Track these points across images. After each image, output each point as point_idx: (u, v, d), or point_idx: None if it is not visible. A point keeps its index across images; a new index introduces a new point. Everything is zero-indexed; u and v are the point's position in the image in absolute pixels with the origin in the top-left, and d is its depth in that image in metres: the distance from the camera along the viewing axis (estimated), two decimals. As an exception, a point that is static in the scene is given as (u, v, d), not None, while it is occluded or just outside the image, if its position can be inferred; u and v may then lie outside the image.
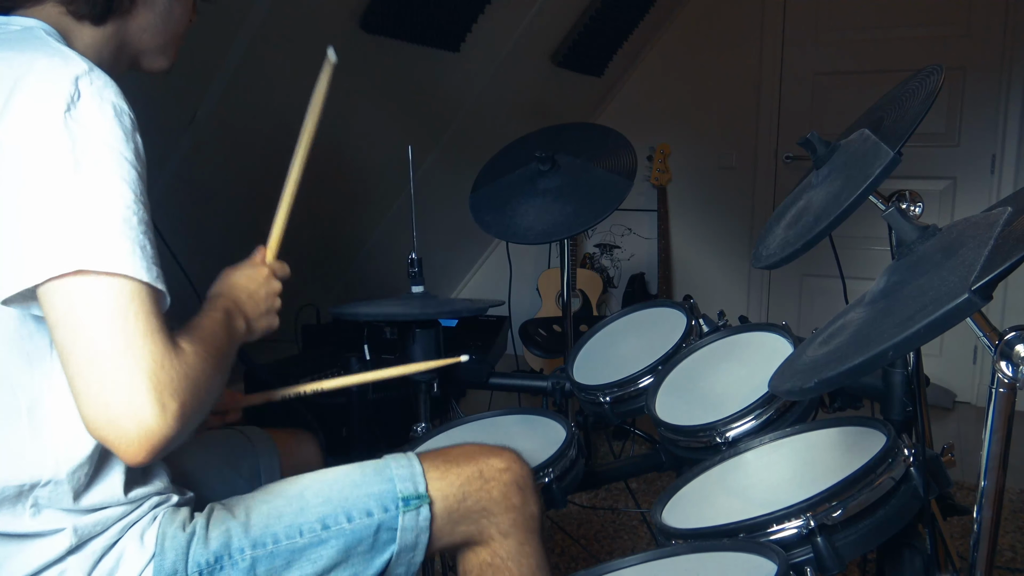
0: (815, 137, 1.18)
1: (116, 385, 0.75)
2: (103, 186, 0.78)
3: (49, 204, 0.76)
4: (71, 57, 0.84)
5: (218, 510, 0.98)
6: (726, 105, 3.70)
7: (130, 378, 0.75)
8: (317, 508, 0.98)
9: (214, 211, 2.37)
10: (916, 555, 1.14)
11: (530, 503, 1.08)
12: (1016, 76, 3.18)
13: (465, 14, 2.50)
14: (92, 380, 0.75)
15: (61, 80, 0.80)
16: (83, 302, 0.75)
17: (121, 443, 0.76)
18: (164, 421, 0.76)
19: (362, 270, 3.19)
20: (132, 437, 0.75)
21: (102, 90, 0.82)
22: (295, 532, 0.96)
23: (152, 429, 0.75)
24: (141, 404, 0.75)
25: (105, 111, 0.81)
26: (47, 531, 0.87)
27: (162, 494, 0.98)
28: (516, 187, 1.91)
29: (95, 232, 0.76)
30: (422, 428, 1.64)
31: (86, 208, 0.77)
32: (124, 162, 0.80)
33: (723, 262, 3.85)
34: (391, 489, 1.01)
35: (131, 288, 0.77)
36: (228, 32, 1.87)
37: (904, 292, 0.83)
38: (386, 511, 1.00)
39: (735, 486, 1.21)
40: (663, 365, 1.54)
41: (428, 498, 1.01)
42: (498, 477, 1.05)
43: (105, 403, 0.75)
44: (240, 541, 0.94)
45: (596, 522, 2.45)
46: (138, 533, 0.93)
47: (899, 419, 1.25)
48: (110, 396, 0.75)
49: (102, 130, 0.80)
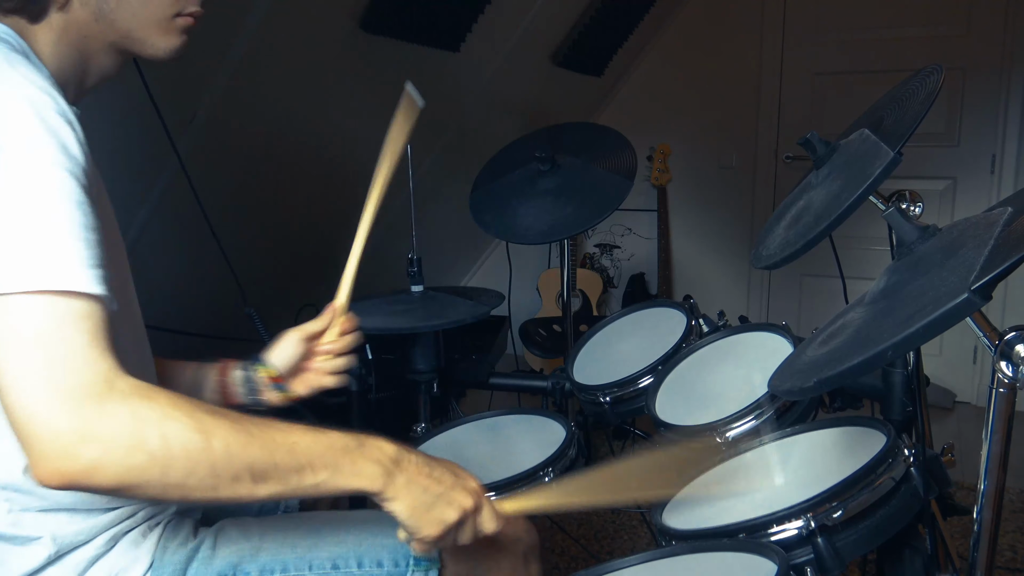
0: (815, 137, 1.18)
1: (41, 391, 0.67)
2: (23, 196, 0.70)
3: None
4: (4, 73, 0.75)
5: (229, 528, 0.98)
6: (726, 105, 3.70)
7: (55, 397, 0.67)
8: (330, 547, 0.98)
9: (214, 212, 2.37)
10: (916, 555, 1.14)
11: (532, 570, 1.09)
12: (1016, 76, 3.18)
13: (465, 14, 2.50)
14: (17, 394, 0.68)
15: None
16: (10, 315, 0.68)
17: (35, 459, 0.68)
18: (85, 449, 0.67)
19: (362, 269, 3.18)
20: (47, 456, 0.67)
21: (18, 90, 0.74)
22: (305, 565, 0.96)
23: (68, 453, 0.67)
24: (60, 423, 0.67)
25: (24, 112, 0.73)
26: (24, 536, 0.84)
27: (158, 504, 0.96)
28: (516, 187, 1.92)
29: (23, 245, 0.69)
30: (422, 428, 1.64)
31: (16, 219, 0.69)
32: (49, 166, 0.72)
33: (723, 262, 3.85)
34: (405, 546, 0.99)
35: (68, 301, 0.69)
36: (228, 32, 1.86)
37: (904, 292, 0.83)
38: (396, 565, 0.99)
39: (735, 486, 1.21)
40: (663, 365, 1.54)
41: (439, 563, 1.01)
42: (511, 547, 1.06)
43: (25, 407, 0.68)
44: (248, 564, 0.94)
45: (596, 522, 2.45)
46: (131, 543, 0.90)
47: (899, 419, 1.25)
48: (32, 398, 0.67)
49: (21, 134, 0.72)
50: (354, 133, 2.56)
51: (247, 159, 2.30)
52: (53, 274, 0.69)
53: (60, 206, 0.71)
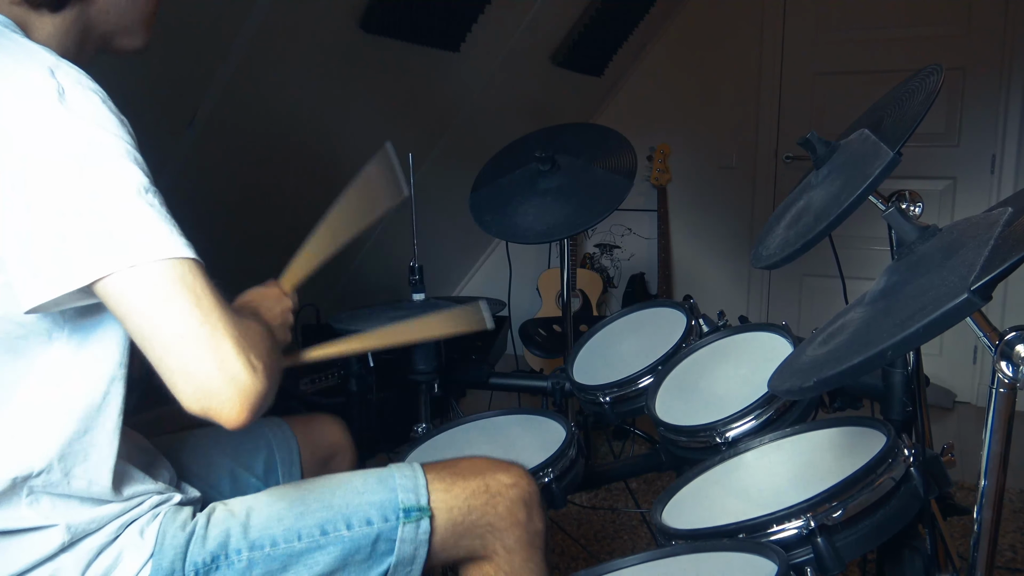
0: (815, 137, 1.18)
1: (205, 357, 0.76)
2: (120, 174, 0.78)
3: (74, 201, 0.76)
4: (34, 50, 0.83)
5: (219, 510, 0.98)
6: (726, 105, 3.70)
7: (216, 348, 0.76)
8: (317, 513, 0.98)
9: (214, 212, 2.37)
10: (916, 555, 1.14)
11: (536, 520, 1.07)
12: (1016, 76, 3.18)
13: (465, 14, 2.50)
14: (181, 358, 0.76)
15: (38, 74, 0.79)
16: (145, 292, 0.76)
17: (224, 409, 0.77)
18: (257, 378, 0.78)
19: (362, 270, 3.19)
20: (234, 400, 0.76)
21: (79, 78, 0.82)
22: (293, 536, 0.96)
23: (249, 388, 0.77)
24: (233, 367, 0.76)
25: (92, 98, 0.80)
26: (40, 525, 0.87)
27: (164, 492, 0.98)
28: (516, 187, 1.92)
29: (133, 224, 0.77)
30: (422, 428, 1.64)
31: (114, 200, 0.77)
32: (127, 145, 0.80)
33: (723, 262, 3.85)
34: (393, 499, 1.00)
35: (181, 267, 0.77)
36: (228, 32, 1.86)
37: (904, 292, 0.83)
38: (386, 521, 0.99)
39: (735, 486, 1.21)
40: (663, 365, 1.54)
41: (429, 511, 1.00)
42: (505, 492, 1.05)
43: (202, 374, 0.76)
44: (238, 542, 0.94)
45: (596, 522, 2.45)
46: (137, 531, 0.92)
47: (899, 419, 1.25)
48: (204, 366, 0.76)
49: (98, 117, 0.80)
50: (354, 133, 2.56)
51: (247, 159, 2.30)
52: (167, 244, 0.78)
53: (151, 188, 0.80)
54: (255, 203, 2.44)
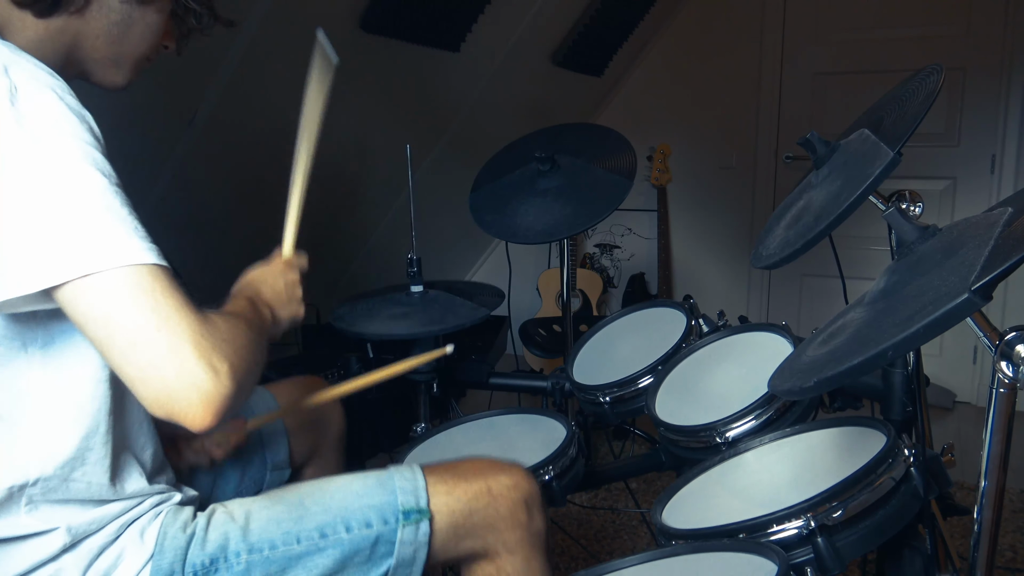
0: (815, 137, 1.18)
1: (164, 361, 0.75)
2: (77, 179, 0.76)
3: (27, 208, 0.74)
4: None
5: (219, 512, 0.98)
6: (726, 105, 3.70)
7: (175, 351, 0.75)
8: (316, 516, 0.98)
9: (214, 211, 2.37)
10: (916, 555, 1.14)
11: (537, 521, 1.07)
12: (1016, 76, 3.18)
13: (465, 14, 2.50)
14: (140, 364, 0.76)
15: None
16: (102, 299, 0.75)
17: (187, 413, 0.76)
18: (219, 381, 0.77)
19: (362, 270, 3.19)
20: (195, 403, 0.76)
21: (36, 73, 0.79)
22: (292, 539, 0.96)
23: (211, 391, 0.76)
24: (193, 371, 0.76)
25: (47, 97, 0.78)
26: (41, 531, 0.87)
27: (164, 492, 0.98)
28: (516, 187, 1.91)
29: (88, 231, 0.75)
30: (422, 428, 1.64)
31: (69, 207, 0.75)
32: (86, 146, 0.78)
33: (723, 262, 3.85)
34: (392, 501, 1.00)
35: (138, 273, 0.76)
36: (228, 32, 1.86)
37: (904, 292, 0.83)
38: (385, 523, 0.99)
39: (735, 486, 1.21)
40: (663, 365, 1.54)
41: (429, 513, 1.00)
42: (506, 494, 1.05)
43: (159, 380, 0.75)
44: (237, 545, 0.94)
45: (596, 522, 2.45)
46: (138, 531, 0.92)
47: (899, 419, 1.25)
48: (162, 372, 0.75)
49: (53, 117, 0.77)
50: (354, 133, 2.56)
51: (247, 159, 2.30)
52: (123, 250, 0.75)
53: (110, 189, 0.78)
54: (255, 202, 2.44)
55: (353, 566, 0.98)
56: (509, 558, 1.05)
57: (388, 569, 0.99)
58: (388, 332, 1.58)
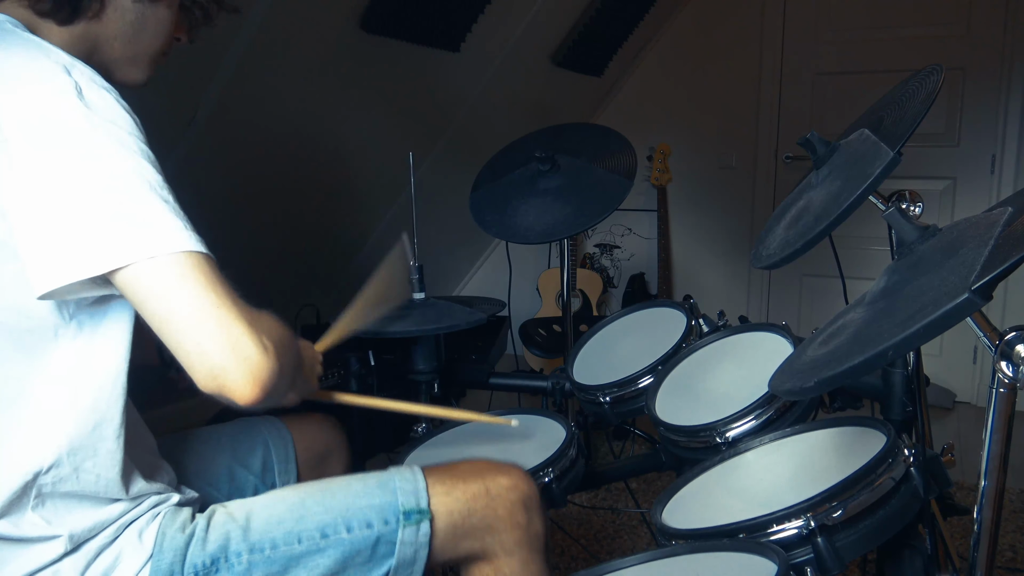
0: (815, 137, 1.18)
1: (220, 335, 0.80)
2: (137, 169, 0.81)
3: (94, 194, 0.79)
4: (48, 48, 0.85)
5: (219, 512, 0.98)
6: (726, 105, 3.70)
7: (227, 329, 0.81)
8: (317, 516, 0.98)
9: (214, 211, 2.37)
10: (916, 555, 1.14)
11: (535, 522, 1.07)
12: (1016, 76, 3.18)
13: (465, 14, 2.50)
14: (197, 339, 0.80)
15: (55, 71, 0.82)
16: (161, 281, 0.80)
17: (236, 386, 0.81)
18: (268, 357, 0.82)
19: (362, 270, 3.18)
20: (246, 378, 0.81)
21: (93, 76, 0.84)
22: (293, 539, 0.96)
23: (260, 366, 0.81)
24: (245, 346, 0.81)
25: (106, 97, 0.83)
26: (44, 536, 0.88)
27: (163, 493, 0.98)
28: (516, 187, 1.91)
29: (152, 218, 0.80)
30: (422, 428, 1.64)
31: (134, 195, 0.80)
32: (142, 144, 0.84)
33: (723, 262, 3.85)
34: (393, 502, 1.00)
35: (196, 259, 0.82)
36: (228, 32, 1.86)
37: (904, 292, 0.83)
38: (386, 524, 0.99)
39: (735, 486, 1.21)
40: (663, 365, 1.54)
41: (429, 513, 1.01)
42: (505, 495, 1.05)
43: (215, 353, 0.80)
44: (238, 545, 0.94)
45: (596, 522, 2.45)
46: (136, 532, 0.93)
47: (899, 419, 1.25)
48: (215, 348, 0.80)
49: (113, 114, 0.83)
50: (354, 133, 2.56)
51: (247, 159, 2.30)
52: (182, 237, 0.81)
53: (164, 184, 0.84)
54: (255, 202, 2.44)
55: (354, 566, 0.98)
56: (507, 560, 1.05)
57: (389, 569, 0.99)
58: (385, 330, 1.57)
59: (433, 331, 1.57)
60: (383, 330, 1.55)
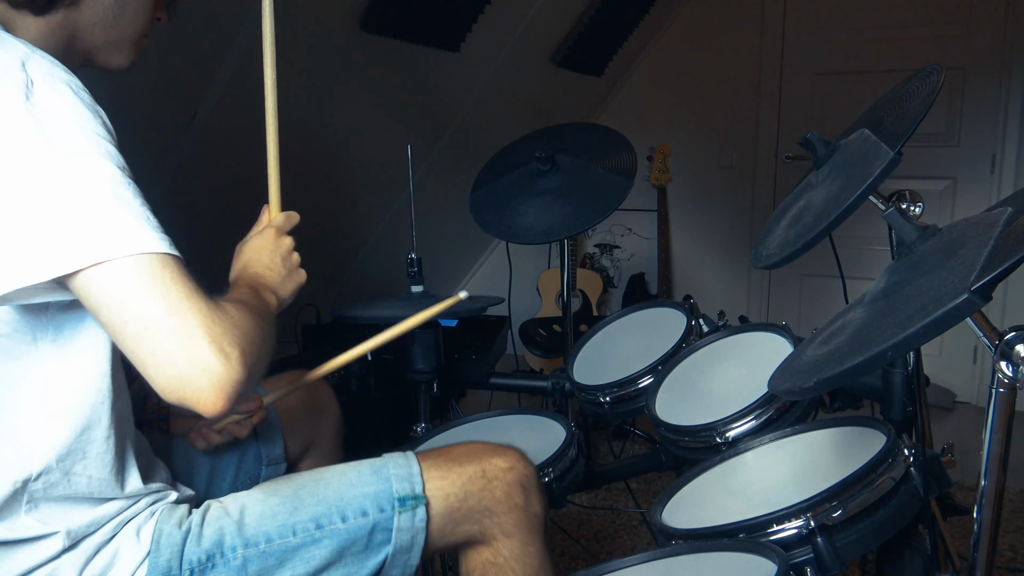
0: (815, 137, 1.18)
1: (176, 347, 0.77)
2: (89, 170, 0.78)
3: (40, 199, 0.76)
4: (9, 42, 0.82)
5: (214, 507, 0.98)
6: (726, 105, 3.70)
7: (186, 337, 0.77)
8: (311, 507, 0.98)
9: (214, 212, 2.37)
10: (916, 555, 1.14)
11: (534, 503, 1.07)
12: (1016, 76, 3.18)
13: (465, 14, 2.50)
14: (152, 349, 0.77)
15: (7, 67, 0.79)
16: (115, 287, 0.76)
17: (199, 397, 0.77)
18: (230, 366, 0.78)
19: (362, 270, 3.19)
20: (206, 388, 0.77)
21: (51, 69, 0.81)
22: (288, 531, 0.96)
23: (222, 376, 0.77)
24: (204, 356, 0.77)
25: (62, 91, 0.80)
26: (41, 534, 0.87)
27: (159, 491, 0.98)
28: (516, 187, 1.91)
29: (100, 220, 0.76)
30: (422, 428, 1.64)
31: (81, 197, 0.76)
32: (99, 139, 0.80)
33: (723, 262, 3.85)
34: (387, 489, 1.00)
35: (150, 261, 0.77)
36: (228, 32, 1.86)
37: (904, 292, 0.83)
38: (381, 511, 0.99)
39: (735, 486, 1.21)
40: (663, 365, 1.54)
41: (425, 499, 1.00)
42: (501, 476, 1.04)
43: (171, 365, 0.76)
44: (233, 540, 0.94)
45: (596, 522, 2.45)
46: (134, 530, 0.92)
47: (899, 419, 1.25)
48: (174, 358, 0.76)
49: (68, 111, 0.79)
50: (354, 133, 2.56)
51: (247, 159, 2.30)
52: (136, 239, 0.77)
53: (123, 180, 0.80)
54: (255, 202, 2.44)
55: (351, 555, 0.98)
56: (506, 542, 1.04)
57: (386, 557, 0.99)
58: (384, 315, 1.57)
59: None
60: (381, 316, 1.55)
